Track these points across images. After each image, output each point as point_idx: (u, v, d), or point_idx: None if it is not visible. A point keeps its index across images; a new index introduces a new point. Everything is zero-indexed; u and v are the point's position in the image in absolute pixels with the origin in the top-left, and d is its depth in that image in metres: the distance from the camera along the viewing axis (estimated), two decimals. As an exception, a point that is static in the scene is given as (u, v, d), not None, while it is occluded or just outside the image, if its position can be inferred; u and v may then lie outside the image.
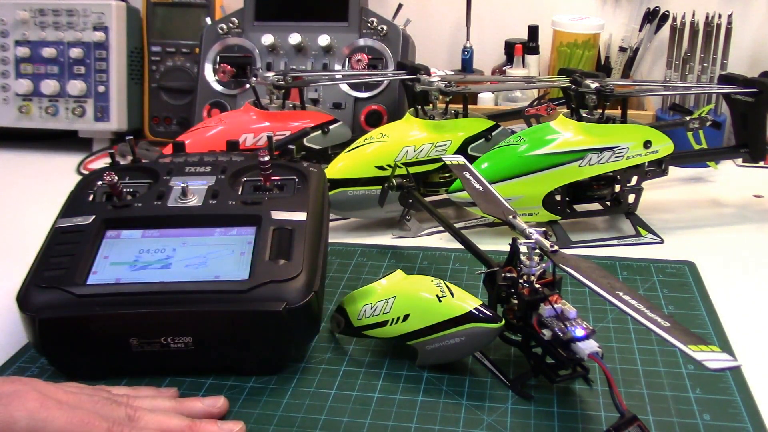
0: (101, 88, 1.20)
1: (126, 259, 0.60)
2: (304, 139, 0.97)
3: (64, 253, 0.61)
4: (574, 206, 0.89)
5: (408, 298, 0.59)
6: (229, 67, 1.11)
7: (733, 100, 0.92)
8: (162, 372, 0.60)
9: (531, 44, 1.26)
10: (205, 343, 0.58)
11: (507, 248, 0.59)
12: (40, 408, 0.47)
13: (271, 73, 0.99)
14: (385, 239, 0.87)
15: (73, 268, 0.59)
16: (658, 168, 0.88)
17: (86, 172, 0.98)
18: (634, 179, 0.88)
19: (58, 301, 0.56)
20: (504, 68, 1.29)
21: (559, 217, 0.87)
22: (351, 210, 0.89)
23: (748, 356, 0.62)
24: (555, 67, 1.23)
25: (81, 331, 0.56)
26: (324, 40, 1.13)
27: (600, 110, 0.85)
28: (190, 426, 0.51)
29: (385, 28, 1.13)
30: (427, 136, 0.89)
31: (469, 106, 0.94)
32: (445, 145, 0.89)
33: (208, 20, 1.18)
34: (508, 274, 0.58)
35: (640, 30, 1.26)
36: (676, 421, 0.53)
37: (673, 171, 0.98)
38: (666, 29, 1.20)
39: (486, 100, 1.21)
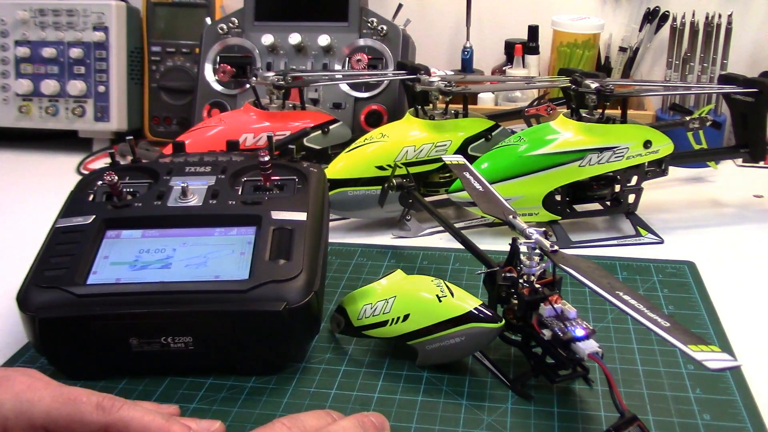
0: (101, 88, 1.20)
1: (126, 259, 0.60)
2: (304, 139, 0.97)
3: (64, 253, 0.60)
4: (574, 206, 0.89)
5: (408, 298, 0.59)
6: (229, 67, 1.11)
7: (733, 100, 0.92)
8: (162, 372, 0.60)
9: (531, 44, 1.26)
10: (205, 343, 0.58)
11: (507, 248, 0.59)
12: (26, 389, 0.46)
13: (271, 73, 0.99)
14: (385, 239, 0.87)
15: (73, 268, 0.59)
16: (658, 168, 0.88)
17: (86, 172, 0.98)
18: (634, 179, 0.88)
19: (58, 301, 0.56)
20: (504, 68, 1.29)
21: (559, 217, 0.87)
22: (351, 210, 0.89)
23: (748, 356, 0.62)
24: (555, 67, 1.23)
25: (81, 331, 0.56)
26: (324, 40, 1.13)
27: (600, 110, 0.85)
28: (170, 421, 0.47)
29: (385, 28, 1.13)
30: (427, 136, 0.89)
31: (469, 106, 0.94)
32: (445, 145, 0.89)
33: (208, 20, 1.18)
34: (508, 274, 0.58)
35: (640, 30, 1.26)
36: (676, 421, 0.53)
37: (673, 171, 0.98)
38: (666, 29, 1.20)
39: (486, 100, 1.21)
